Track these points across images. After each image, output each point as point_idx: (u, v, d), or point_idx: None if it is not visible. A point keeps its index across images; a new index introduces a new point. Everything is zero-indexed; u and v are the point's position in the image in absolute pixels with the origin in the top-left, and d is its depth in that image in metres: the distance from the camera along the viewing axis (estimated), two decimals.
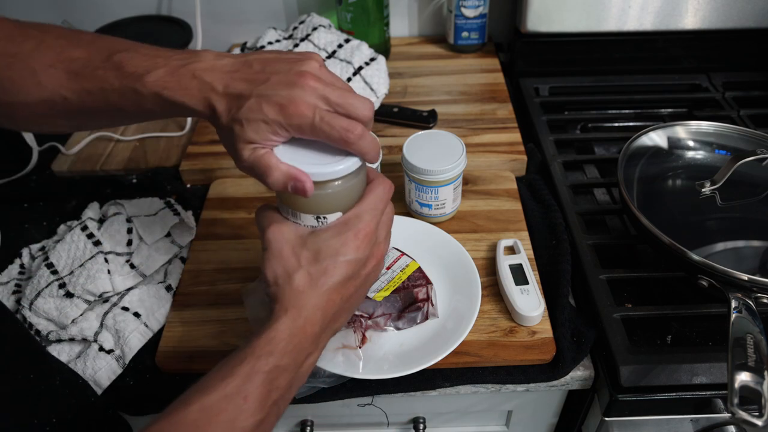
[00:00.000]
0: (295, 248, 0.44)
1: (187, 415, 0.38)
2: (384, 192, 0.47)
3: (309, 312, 0.43)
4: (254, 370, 0.40)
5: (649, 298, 0.64)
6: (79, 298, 0.63)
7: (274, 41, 0.90)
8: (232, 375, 0.40)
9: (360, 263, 0.45)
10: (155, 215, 0.72)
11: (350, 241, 0.44)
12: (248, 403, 0.39)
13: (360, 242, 0.44)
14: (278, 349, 0.41)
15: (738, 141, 0.70)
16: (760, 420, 0.44)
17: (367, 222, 0.45)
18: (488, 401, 0.66)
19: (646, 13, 0.90)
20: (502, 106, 0.90)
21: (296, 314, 0.42)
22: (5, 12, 0.56)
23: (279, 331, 0.42)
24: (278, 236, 0.45)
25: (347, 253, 0.44)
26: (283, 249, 0.44)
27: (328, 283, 0.43)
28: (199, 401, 0.39)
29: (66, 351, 0.62)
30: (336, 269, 0.44)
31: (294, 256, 0.44)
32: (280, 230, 0.45)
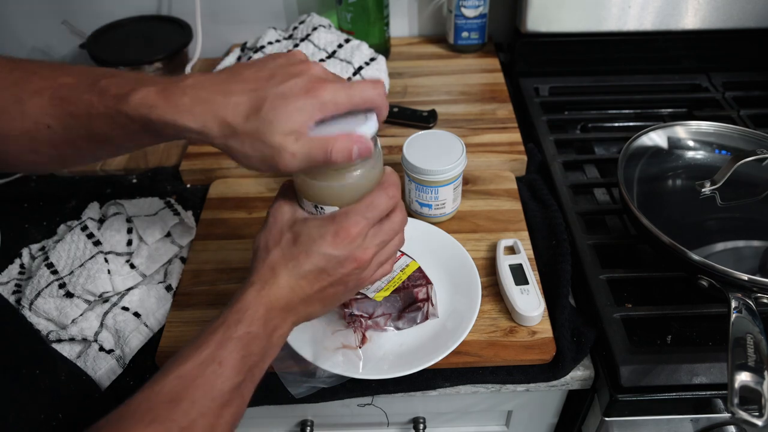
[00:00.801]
0: (284, 227, 0.47)
1: (166, 384, 0.40)
2: (383, 200, 0.46)
3: (277, 288, 0.44)
4: (226, 336, 0.42)
5: (649, 298, 0.64)
6: (79, 298, 0.63)
7: (274, 41, 0.90)
8: (206, 343, 0.42)
9: (334, 260, 0.45)
10: (155, 215, 0.72)
11: (328, 236, 0.44)
12: (223, 368, 0.41)
13: (339, 240, 0.44)
14: (246, 316, 0.43)
15: (738, 141, 0.70)
16: (760, 420, 0.44)
17: (353, 222, 0.45)
18: (488, 401, 0.66)
19: (646, 13, 0.90)
20: (502, 106, 0.90)
21: (263, 287, 0.44)
22: (5, 11, 0.56)
23: (246, 301, 0.44)
24: (276, 212, 0.48)
25: (322, 246, 0.44)
26: (274, 225, 0.47)
27: (297, 268, 0.45)
28: (176, 370, 0.41)
29: (66, 351, 0.62)
30: (307, 258, 0.45)
31: (279, 234, 0.46)
32: (280, 207, 0.48)
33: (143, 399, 0.40)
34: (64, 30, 1.00)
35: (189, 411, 0.40)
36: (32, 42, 1.07)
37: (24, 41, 1.07)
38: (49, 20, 1.02)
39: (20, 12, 1.03)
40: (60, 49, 1.08)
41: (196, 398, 0.40)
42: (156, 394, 0.40)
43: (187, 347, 0.42)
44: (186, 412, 0.39)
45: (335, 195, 0.47)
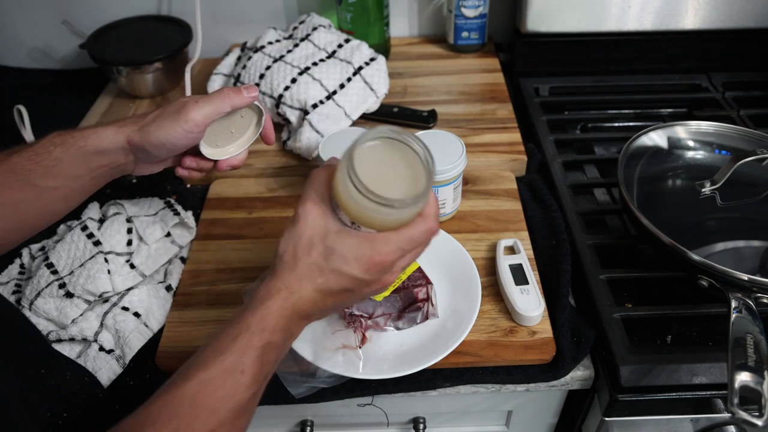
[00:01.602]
0: (315, 238, 0.44)
1: (188, 390, 0.40)
2: (422, 234, 0.45)
3: (301, 300, 0.44)
4: (249, 345, 0.42)
5: (649, 298, 0.64)
6: (79, 298, 0.63)
7: (274, 41, 0.90)
8: (229, 350, 0.41)
9: (363, 284, 0.45)
10: (155, 215, 0.72)
11: (364, 260, 0.43)
12: (245, 377, 0.41)
13: (373, 266, 0.44)
14: (270, 326, 0.43)
15: (738, 141, 0.70)
16: (760, 420, 0.44)
17: (390, 251, 0.44)
18: (488, 401, 0.66)
19: (646, 13, 0.90)
20: (502, 106, 0.90)
21: (289, 296, 0.44)
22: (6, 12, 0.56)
23: (272, 310, 0.43)
24: (309, 216, 0.44)
25: (355, 269, 0.43)
26: (305, 232, 0.44)
27: (326, 285, 0.44)
28: (197, 376, 0.40)
29: (66, 351, 0.62)
30: (338, 279, 0.44)
31: (309, 245, 0.44)
32: (313, 211, 0.44)
33: (165, 404, 0.39)
34: (64, 30, 1.00)
35: (209, 420, 0.39)
36: (32, 42, 1.07)
37: (24, 41, 1.07)
38: (49, 20, 1.02)
39: (20, 12, 1.03)
40: (60, 49, 1.08)
41: (218, 407, 0.40)
42: (178, 401, 0.40)
43: (209, 351, 0.42)
44: (206, 421, 0.39)
45: (381, 221, 0.44)
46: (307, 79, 0.81)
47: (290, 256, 0.44)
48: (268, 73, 0.83)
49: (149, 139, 0.55)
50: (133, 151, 0.56)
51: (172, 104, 0.56)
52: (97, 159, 0.55)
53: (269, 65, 0.84)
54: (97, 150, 0.55)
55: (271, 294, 0.44)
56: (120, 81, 0.95)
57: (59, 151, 0.53)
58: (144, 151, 0.56)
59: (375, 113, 0.86)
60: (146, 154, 0.56)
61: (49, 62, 1.10)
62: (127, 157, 0.57)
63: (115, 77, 0.95)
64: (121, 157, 0.56)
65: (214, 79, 0.91)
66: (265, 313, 0.43)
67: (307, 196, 0.45)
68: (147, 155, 0.57)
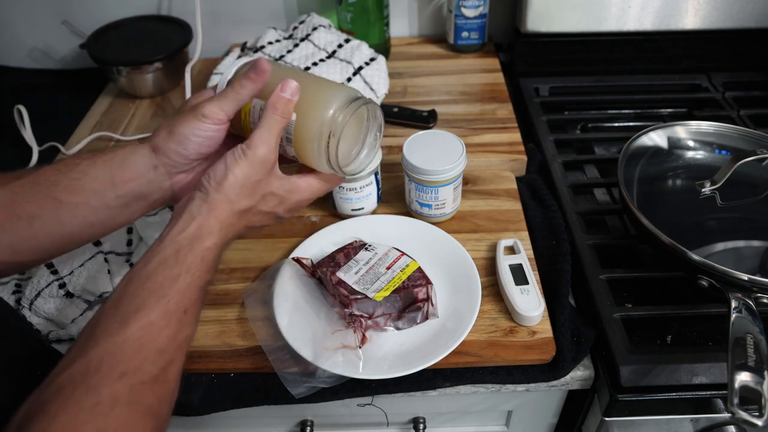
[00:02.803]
0: (261, 183, 0.50)
1: (131, 335, 0.40)
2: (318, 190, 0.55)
3: (233, 232, 0.50)
4: (192, 286, 0.44)
5: (649, 298, 0.64)
6: (79, 298, 0.63)
7: (274, 41, 0.90)
8: (171, 293, 0.43)
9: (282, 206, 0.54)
10: (155, 215, 0.72)
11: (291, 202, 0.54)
12: (189, 315, 0.43)
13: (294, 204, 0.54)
14: (210, 265, 0.46)
15: (738, 141, 0.70)
16: (760, 420, 0.44)
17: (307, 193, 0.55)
18: (488, 401, 0.66)
19: (646, 13, 0.90)
20: (502, 106, 0.90)
21: (225, 234, 0.49)
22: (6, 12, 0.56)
23: (211, 249, 0.46)
24: (257, 161, 0.50)
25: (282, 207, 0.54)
26: (253, 174, 0.49)
27: (252, 222, 0.52)
28: (138, 320, 0.41)
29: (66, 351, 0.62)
30: (263, 216, 0.53)
31: (254, 188, 0.50)
32: (265, 159, 0.50)
33: (106, 352, 0.39)
34: (64, 30, 1.00)
35: (158, 359, 0.40)
36: (32, 42, 1.07)
37: (24, 41, 1.07)
38: (49, 20, 1.02)
39: (20, 12, 1.03)
40: (60, 49, 1.08)
41: (165, 347, 0.41)
42: (120, 346, 0.39)
43: (144, 293, 0.42)
44: (155, 361, 0.40)
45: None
46: None
47: (234, 192, 0.49)
48: None
49: (172, 134, 0.51)
50: (159, 158, 0.52)
51: (193, 97, 0.56)
52: (121, 173, 0.51)
53: None
54: (123, 161, 0.51)
55: (211, 231, 0.47)
56: (120, 81, 0.95)
57: (86, 164, 0.51)
58: (170, 154, 0.52)
59: None
60: (173, 157, 0.52)
61: (49, 62, 1.10)
62: (155, 171, 0.52)
63: (115, 77, 0.95)
64: (148, 171, 0.52)
65: (214, 80, 0.91)
66: (205, 254, 0.45)
67: (263, 138, 0.49)
68: (174, 158, 0.52)
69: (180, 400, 0.43)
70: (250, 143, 0.49)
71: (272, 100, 0.49)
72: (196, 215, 0.47)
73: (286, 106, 0.50)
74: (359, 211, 0.72)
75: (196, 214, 0.47)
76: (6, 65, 1.09)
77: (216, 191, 0.48)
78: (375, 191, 0.72)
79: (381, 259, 0.62)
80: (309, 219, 0.74)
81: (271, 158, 0.50)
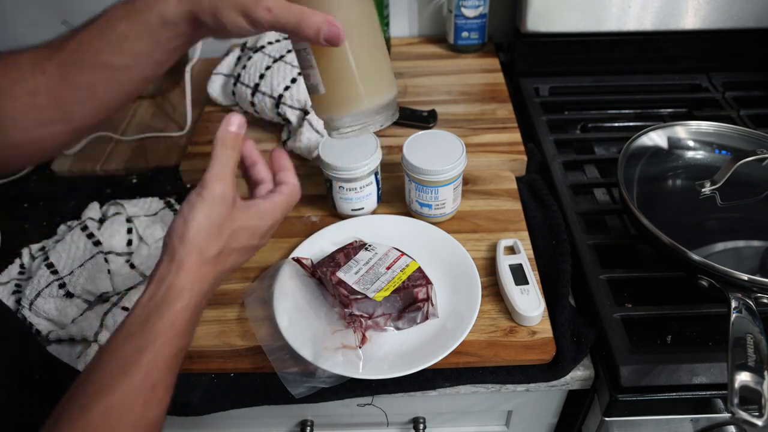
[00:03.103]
0: (224, 223, 0.46)
1: (91, 420, 0.36)
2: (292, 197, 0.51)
3: (207, 288, 0.45)
4: (160, 355, 0.40)
5: (649, 298, 0.64)
6: (79, 298, 0.63)
7: (274, 41, 0.90)
8: (136, 366, 0.39)
9: (256, 246, 0.50)
10: (155, 215, 0.72)
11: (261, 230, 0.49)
12: (156, 392, 0.39)
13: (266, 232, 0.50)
14: (181, 329, 0.42)
15: (738, 141, 0.70)
16: (760, 420, 0.44)
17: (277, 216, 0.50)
18: (488, 401, 0.66)
19: (646, 13, 0.90)
20: (502, 106, 0.90)
21: (196, 293, 0.43)
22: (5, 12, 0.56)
23: (181, 312, 0.42)
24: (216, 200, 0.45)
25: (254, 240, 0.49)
26: (213, 217, 0.45)
27: (226, 265, 0.47)
28: (100, 402, 0.37)
29: (66, 351, 0.62)
30: (238, 255, 0.48)
31: (218, 232, 0.45)
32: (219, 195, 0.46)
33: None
34: (64, 30, 1.00)
35: None
36: (32, 42, 1.07)
37: (24, 41, 1.06)
38: (49, 20, 1.02)
39: (20, 12, 1.03)
40: None
41: (129, 426, 0.38)
42: (82, 430, 0.36)
43: (110, 369, 0.39)
44: None
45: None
46: None
47: (200, 240, 0.44)
48: (268, 73, 0.83)
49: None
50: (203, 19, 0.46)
51: None
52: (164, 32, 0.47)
53: (269, 65, 0.84)
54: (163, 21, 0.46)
55: (182, 292, 0.42)
56: None
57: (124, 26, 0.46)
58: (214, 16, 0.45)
59: None
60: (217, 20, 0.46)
61: None
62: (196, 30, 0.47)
63: None
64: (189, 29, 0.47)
65: (214, 79, 0.91)
66: (176, 318, 0.41)
67: (218, 175, 0.45)
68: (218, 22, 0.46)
69: (180, 400, 0.43)
70: (204, 183, 0.45)
71: (220, 136, 0.46)
72: (165, 276, 0.43)
73: (236, 140, 0.47)
74: (359, 211, 0.72)
75: (165, 275, 0.43)
76: None
77: (180, 246, 0.44)
78: (375, 191, 0.72)
79: (381, 259, 0.62)
80: (309, 219, 0.74)
81: (229, 193, 0.46)
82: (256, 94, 0.84)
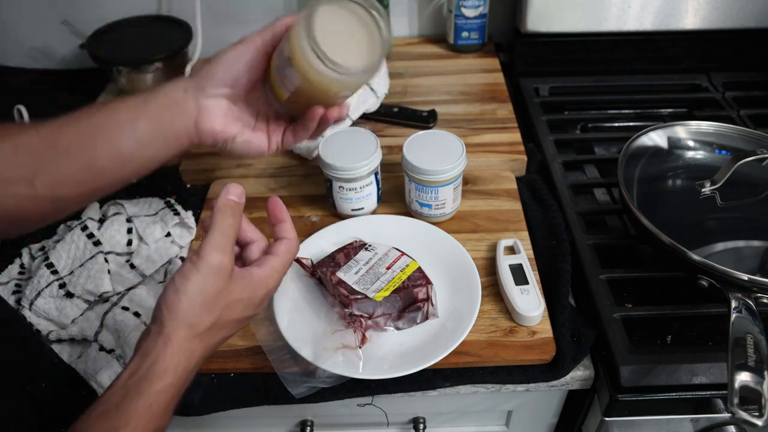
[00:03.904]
0: (217, 296, 0.44)
1: None
2: (289, 254, 0.49)
3: (193, 363, 0.43)
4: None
5: (649, 298, 0.64)
6: (79, 298, 0.63)
7: None
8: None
9: (250, 316, 0.48)
10: (155, 215, 0.72)
11: (255, 301, 0.47)
12: None
13: (259, 301, 0.47)
14: (159, 411, 0.40)
15: (738, 141, 0.70)
16: (760, 420, 0.44)
17: (272, 283, 0.48)
18: (488, 401, 0.66)
19: (646, 13, 0.90)
20: (502, 106, 0.90)
21: (181, 371, 0.42)
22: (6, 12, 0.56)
23: (162, 395, 0.40)
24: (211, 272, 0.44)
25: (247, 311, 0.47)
26: (207, 289, 0.43)
27: (217, 338, 0.45)
28: None
29: (66, 351, 0.62)
30: (231, 327, 0.46)
31: (211, 304, 0.43)
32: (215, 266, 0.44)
33: None
34: (64, 30, 1.00)
35: None
36: (32, 42, 1.07)
37: (24, 41, 1.07)
38: (49, 20, 1.02)
39: (20, 12, 1.03)
40: (60, 49, 1.08)
41: None
42: None
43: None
44: None
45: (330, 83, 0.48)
46: None
47: (191, 314, 0.42)
48: None
49: (211, 59, 0.52)
50: (192, 80, 0.52)
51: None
52: (154, 97, 0.51)
53: None
54: (160, 89, 0.51)
55: (166, 370, 0.40)
56: (120, 81, 0.95)
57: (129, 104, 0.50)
58: (202, 72, 0.52)
59: (375, 113, 0.86)
60: (204, 75, 0.52)
61: (49, 62, 1.10)
62: (184, 93, 0.51)
63: (115, 77, 0.95)
64: (178, 92, 0.52)
65: None
66: (155, 400, 0.39)
67: (215, 245, 0.44)
68: (205, 75, 0.52)
69: (180, 400, 0.43)
70: (201, 252, 0.43)
71: (221, 204, 0.46)
72: (150, 351, 0.41)
73: (236, 209, 0.47)
74: (359, 211, 0.72)
75: (151, 350, 0.41)
76: (6, 65, 1.09)
77: (170, 319, 0.42)
78: (375, 191, 0.72)
79: (381, 259, 0.62)
80: (309, 219, 0.74)
81: (227, 264, 0.44)
82: None
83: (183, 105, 0.51)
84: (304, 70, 0.47)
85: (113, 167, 0.49)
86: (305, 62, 0.46)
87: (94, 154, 0.48)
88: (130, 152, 0.49)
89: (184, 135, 0.51)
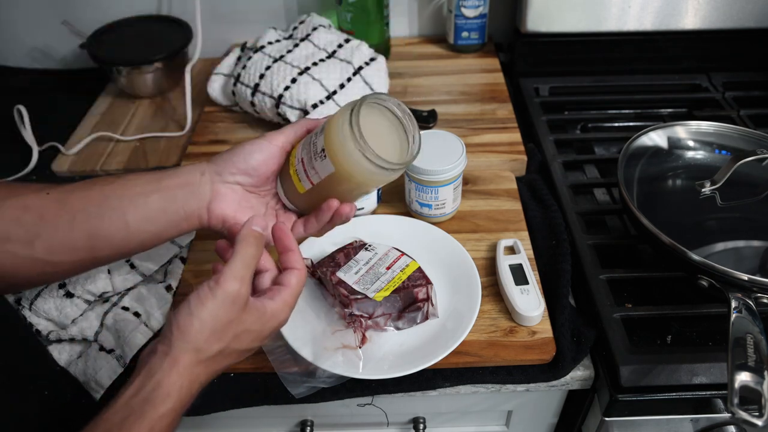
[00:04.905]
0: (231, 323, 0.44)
1: None
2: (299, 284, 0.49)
3: (198, 384, 0.44)
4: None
5: (649, 298, 0.64)
6: (79, 298, 0.63)
7: (273, 41, 0.90)
8: None
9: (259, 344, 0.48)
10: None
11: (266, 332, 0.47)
12: None
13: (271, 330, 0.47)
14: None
15: (738, 141, 0.70)
16: (760, 420, 0.44)
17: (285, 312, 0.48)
18: (488, 401, 0.66)
19: (646, 13, 0.90)
20: (502, 106, 0.90)
21: (188, 393, 0.42)
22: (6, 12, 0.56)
23: (164, 419, 0.40)
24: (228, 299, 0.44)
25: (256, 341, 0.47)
26: (221, 316, 0.43)
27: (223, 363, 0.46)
28: None
29: (66, 351, 0.62)
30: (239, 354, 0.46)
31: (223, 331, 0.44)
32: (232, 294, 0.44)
33: None
34: (64, 30, 1.00)
35: None
36: (32, 42, 1.07)
37: (24, 41, 1.07)
38: (49, 20, 1.02)
39: (20, 12, 1.03)
40: (60, 49, 1.08)
41: None
42: None
43: None
44: None
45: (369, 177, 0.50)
46: (307, 79, 0.81)
47: (201, 339, 0.42)
48: (268, 73, 0.83)
49: (235, 147, 0.53)
50: (209, 165, 0.52)
51: None
52: (169, 176, 0.52)
53: (269, 65, 0.84)
54: (176, 169, 0.52)
55: (170, 393, 0.40)
56: (120, 81, 0.95)
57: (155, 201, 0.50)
58: (218, 160, 0.52)
59: None
60: (220, 163, 0.52)
61: (49, 62, 1.10)
62: (201, 176, 0.52)
63: (115, 77, 0.95)
64: (194, 175, 0.52)
65: (214, 80, 0.91)
66: (156, 424, 0.39)
67: (235, 274, 0.44)
68: (221, 163, 0.52)
69: None
70: (219, 279, 0.43)
71: (244, 233, 0.46)
72: (155, 372, 0.41)
73: (259, 240, 0.47)
74: (359, 211, 0.72)
75: (156, 371, 0.41)
76: (6, 65, 1.09)
77: (179, 340, 0.42)
78: (375, 191, 0.72)
79: (381, 259, 0.62)
80: None
81: (243, 295, 0.44)
82: (256, 94, 0.84)
83: (198, 187, 0.52)
84: (341, 161, 0.48)
85: (117, 239, 0.50)
86: (344, 154, 0.48)
87: (100, 223, 0.48)
88: (137, 226, 0.50)
89: (195, 216, 0.52)
